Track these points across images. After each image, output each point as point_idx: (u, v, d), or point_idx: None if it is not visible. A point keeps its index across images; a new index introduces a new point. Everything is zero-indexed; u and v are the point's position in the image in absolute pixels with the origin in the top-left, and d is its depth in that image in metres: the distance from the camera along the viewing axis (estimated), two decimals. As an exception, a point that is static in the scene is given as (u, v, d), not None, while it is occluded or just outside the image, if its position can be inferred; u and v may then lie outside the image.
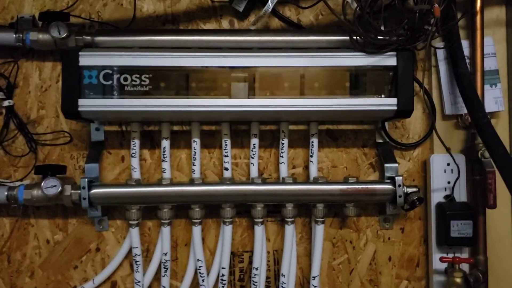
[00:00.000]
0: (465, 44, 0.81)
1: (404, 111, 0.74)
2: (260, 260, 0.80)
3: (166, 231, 0.79)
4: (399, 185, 0.77)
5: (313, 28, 0.85)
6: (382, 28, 0.76)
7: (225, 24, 0.85)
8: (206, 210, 0.81)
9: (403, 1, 0.73)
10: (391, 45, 0.72)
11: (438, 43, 0.83)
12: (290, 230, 0.79)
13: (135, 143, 0.80)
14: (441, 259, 0.78)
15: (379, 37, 0.72)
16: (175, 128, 0.84)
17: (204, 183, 0.79)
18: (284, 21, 0.85)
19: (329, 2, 0.72)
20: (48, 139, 0.84)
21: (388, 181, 0.79)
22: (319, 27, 0.85)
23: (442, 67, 0.83)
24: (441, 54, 0.83)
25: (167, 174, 0.81)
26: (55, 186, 0.75)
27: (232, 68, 0.74)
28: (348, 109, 0.74)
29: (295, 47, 0.78)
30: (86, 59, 0.72)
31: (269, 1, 0.79)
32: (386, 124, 0.83)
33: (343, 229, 0.85)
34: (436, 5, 0.65)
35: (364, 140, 0.85)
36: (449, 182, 0.81)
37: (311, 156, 0.81)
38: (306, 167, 0.85)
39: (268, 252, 0.84)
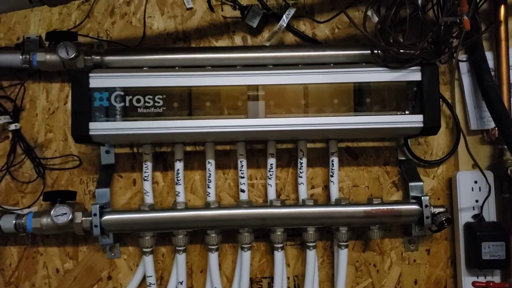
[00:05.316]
0: (489, 56, 0.78)
1: (431, 128, 0.70)
2: (281, 287, 0.76)
3: (181, 258, 0.76)
4: (426, 205, 0.73)
5: (329, 43, 0.82)
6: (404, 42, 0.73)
7: (238, 41, 0.82)
8: (223, 235, 0.77)
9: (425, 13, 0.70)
10: (415, 59, 0.69)
11: (461, 55, 0.79)
12: (312, 255, 0.75)
13: (148, 166, 0.77)
14: (474, 284, 0.74)
15: (401, 51, 0.69)
16: (188, 148, 0.81)
17: (220, 207, 0.76)
18: (299, 36, 0.82)
19: (344, 15, 0.69)
20: (57, 163, 0.80)
21: (414, 201, 0.75)
22: (335, 42, 0.82)
23: (466, 80, 0.80)
24: (464, 67, 0.79)
25: (181, 198, 0.77)
26: (65, 214, 0.72)
27: (247, 86, 0.71)
28: (370, 127, 0.71)
29: (312, 62, 0.75)
30: (97, 80, 0.69)
31: (284, 16, 0.76)
32: (409, 140, 0.80)
33: (366, 252, 0.81)
34: (466, 17, 0.61)
35: (385, 157, 0.82)
36: (477, 201, 0.77)
37: (332, 176, 0.78)
38: (326, 187, 0.81)
39: (288, 278, 0.80)
